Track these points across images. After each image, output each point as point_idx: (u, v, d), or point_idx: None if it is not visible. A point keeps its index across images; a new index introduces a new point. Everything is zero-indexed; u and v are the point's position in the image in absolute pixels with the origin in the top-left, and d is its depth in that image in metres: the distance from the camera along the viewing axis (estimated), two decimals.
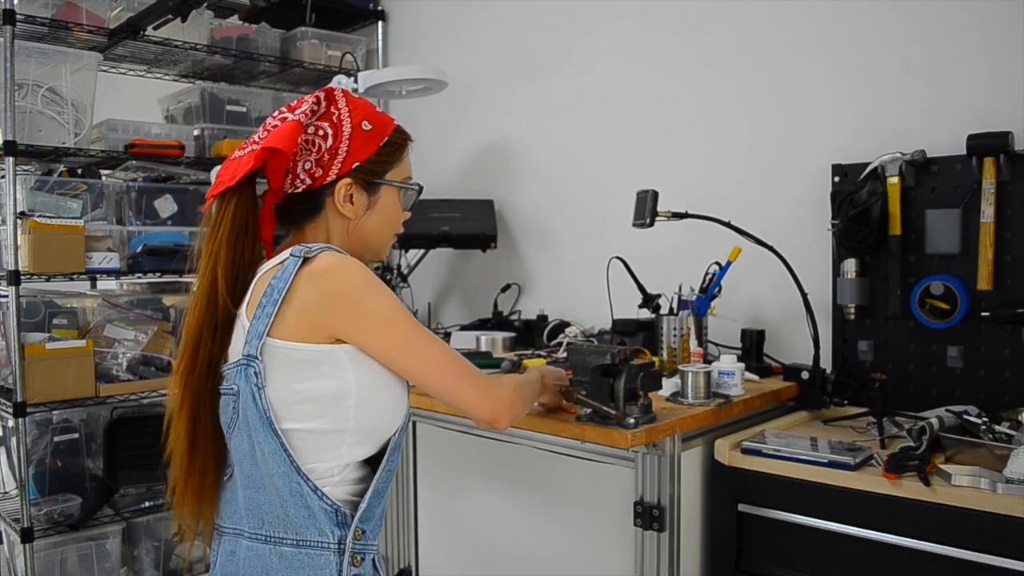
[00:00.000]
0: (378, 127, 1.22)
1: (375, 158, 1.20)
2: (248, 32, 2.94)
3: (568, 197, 2.68)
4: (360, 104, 1.22)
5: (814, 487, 1.50)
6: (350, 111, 1.20)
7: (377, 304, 1.09)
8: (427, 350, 1.12)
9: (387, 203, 1.24)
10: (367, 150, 1.19)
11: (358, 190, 1.20)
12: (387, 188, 1.23)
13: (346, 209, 1.19)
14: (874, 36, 2.01)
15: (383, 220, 1.24)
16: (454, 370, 1.13)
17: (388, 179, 1.23)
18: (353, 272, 1.09)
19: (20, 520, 2.35)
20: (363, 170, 1.20)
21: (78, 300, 2.64)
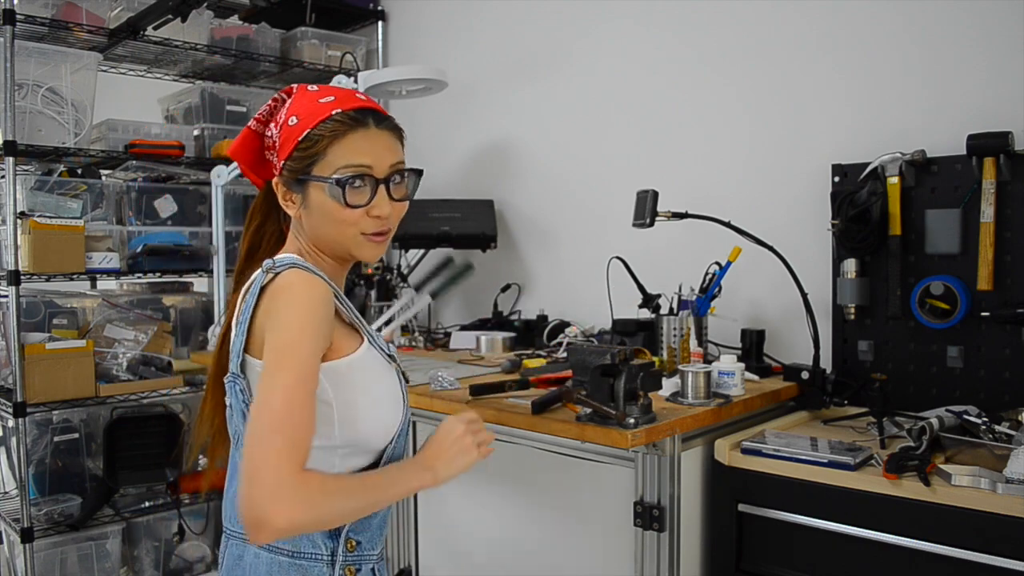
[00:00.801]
0: (304, 119, 1.10)
1: (295, 154, 1.10)
2: (248, 32, 2.95)
3: (568, 197, 2.68)
4: (306, 97, 1.13)
5: (814, 487, 1.50)
6: (289, 107, 1.13)
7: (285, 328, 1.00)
8: (270, 393, 0.96)
9: (317, 200, 1.11)
10: (288, 146, 1.11)
11: (290, 189, 1.13)
12: (312, 184, 1.10)
13: (287, 206, 1.15)
14: (874, 36, 2.01)
15: (321, 218, 1.11)
16: (270, 432, 0.93)
17: (314, 174, 1.10)
18: (294, 296, 1.03)
19: (20, 520, 2.35)
20: (287, 168, 1.12)
21: (78, 300, 2.64)
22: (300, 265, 1.07)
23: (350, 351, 1.08)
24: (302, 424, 0.95)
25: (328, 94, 1.12)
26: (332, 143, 1.09)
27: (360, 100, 1.13)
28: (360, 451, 1.10)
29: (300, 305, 1.02)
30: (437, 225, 2.71)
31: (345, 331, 1.11)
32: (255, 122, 1.18)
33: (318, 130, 1.09)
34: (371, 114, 1.12)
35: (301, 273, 1.05)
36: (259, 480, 0.91)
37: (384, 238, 1.15)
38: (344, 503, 0.99)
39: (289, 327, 1.00)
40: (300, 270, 1.06)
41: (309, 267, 1.07)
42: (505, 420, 1.69)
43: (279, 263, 1.07)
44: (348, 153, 1.10)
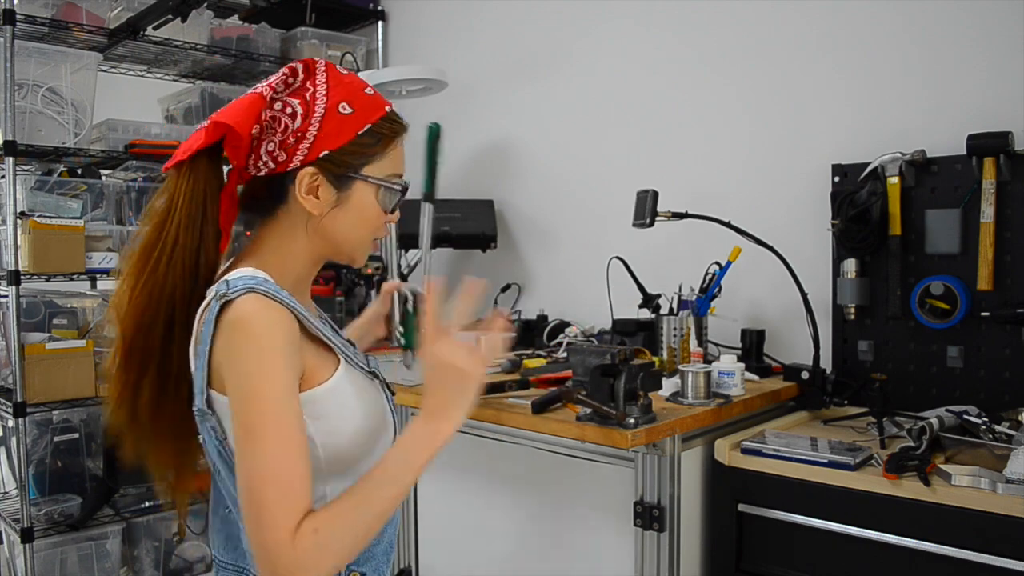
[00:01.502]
0: (360, 111, 1.01)
1: (349, 148, 1.01)
2: (248, 32, 2.94)
3: (568, 197, 2.68)
4: (346, 82, 1.03)
5: (814, 487, 1.50)
6: (328, 88, 1.01)
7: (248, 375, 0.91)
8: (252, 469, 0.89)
9: (361, 202, 1.03)
10: (341, 137, 1.00)
11: (325, 183, 1.01)
12: (362, 184, 1.02)
13: (309, 202, 1.01)
14: (874, 36, 2.01)
15: (355, 221, 1.04)
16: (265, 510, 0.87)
17: (365, 174, 1.02)
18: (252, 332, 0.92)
19: (20, 520, 2.35)
20: (332, 160, 1.00)
21: (78, 300, 2.64)
22: (259, 289, 0.94)
23: (326, 377, 1.00)
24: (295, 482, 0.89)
25: (365, 84, 1.05)
26: (389, 145, 1.04)
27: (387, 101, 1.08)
28: (351, 475, 1.02)
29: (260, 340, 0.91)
30: (437, 225, 2.70)
31: (318, 354, 1.01)
32: (269, 89, 1.01)
33: (381, 128, 1.03)
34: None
35: (259, 300, 0.93)
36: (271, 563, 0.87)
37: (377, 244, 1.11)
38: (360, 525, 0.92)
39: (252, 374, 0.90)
40: (258, 296, 0.93)
41: (268, 292, 0.94)
42: (505, 420, 1.69)
43: (233, 287, 0.94)
44: (396, 160, 1.06)
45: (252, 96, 1.00)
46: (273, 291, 0.95)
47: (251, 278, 0.96)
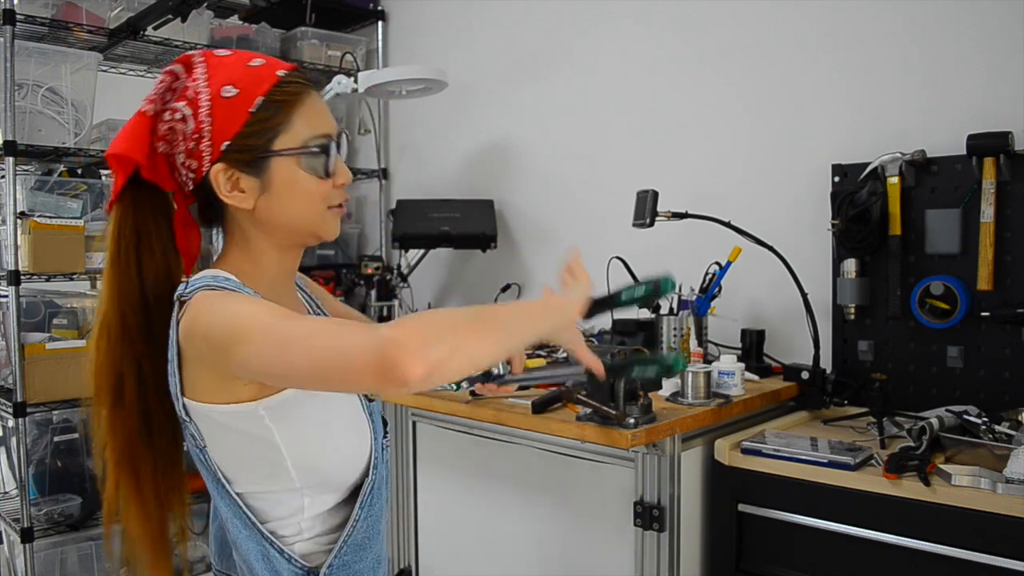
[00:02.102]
0: (246, 88, 0.92)
1: (247, 130, 0.92)
2: (248, 32, 2.94)
3: (568, 197, 2.68)
4: (227, 63, 0.94)
5: (814, 487, 1.50)
6: (208, 77, 0.93)
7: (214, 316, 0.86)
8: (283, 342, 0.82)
9: (286, 178, 0.94)
10: (234, 123, 0.91)
11: (241, 174, 0.93)
12: (278, 160, 0.93)
13: (236, 199, 0.94)
14: (874, 36, 2.01)
15: (290, 199, 0.95)
16: (327, 339, 0.79)
17: (276, 149, 0.93)
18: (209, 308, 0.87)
19: (20, 520, 2.34)
20: (236, 148, 0.92)
21: (78, 300, 2.64)
22: (214, 285, 0.91)
23: None
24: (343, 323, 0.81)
25: (251, 56, 0.96)
26: (294, 109, 0.93)
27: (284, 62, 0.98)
28: (328, 488, 0.98)
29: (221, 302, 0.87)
30: (437, 225, 2.71)
31: None
32: (149, 104, 0.95)
33: (275, 95, 0.93)
34: (309, 76, 0.99)
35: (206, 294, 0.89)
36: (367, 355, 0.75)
37: (344, 210, 1.01)
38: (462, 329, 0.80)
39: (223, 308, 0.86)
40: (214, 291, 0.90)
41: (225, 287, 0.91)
42: (505, 420, 1.69)
43: (190, 286, 0.91)
44: (311, 120, 0.95)
45: (134, 117, 0.95)
46: (234, 287, 0.92)
47: (211, 277, 0.93)
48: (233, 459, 0.95)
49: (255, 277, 0.98)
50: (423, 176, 3.17)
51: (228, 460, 0.95)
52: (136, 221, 0.96)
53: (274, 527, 0.97)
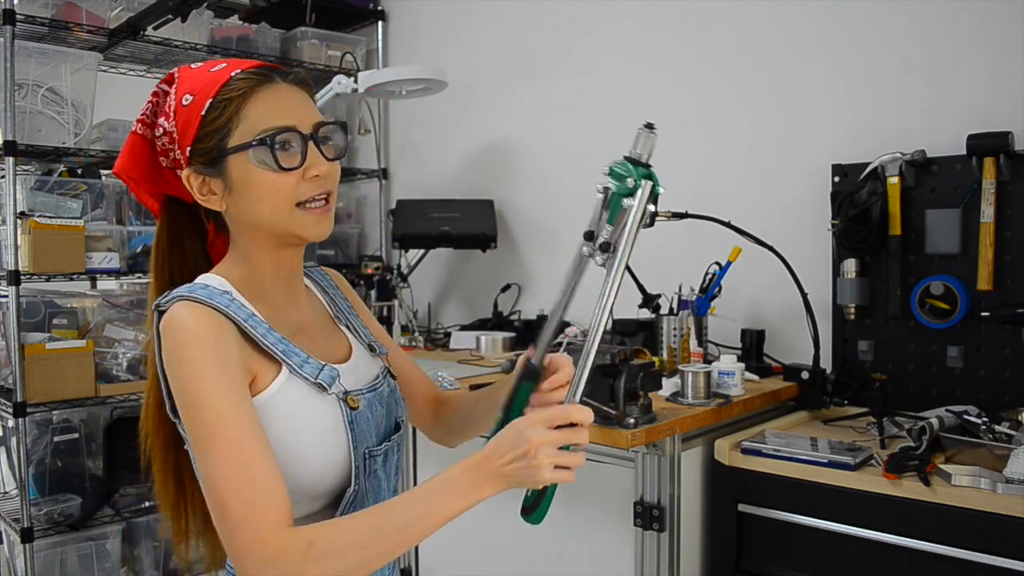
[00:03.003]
0: (201, 92, 0.94)
1: (201, 132, 0.94)
2: (248, 32, 2.94)
3: (568, 197, 2.68)
4: (192, 74, 0.97)
5: (814, 487, 1.50)
6: (177, 89, 0.97)
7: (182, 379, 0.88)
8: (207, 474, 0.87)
9: (242, 174, 0.94)
10: (191, 127, 0.94)
11: (207, 177, 0.96)
12: (233, 159, 0.94)
13: (211, 202, 0.97)
14: (874, 36, 2.01)
15: (251, 195, 0.95)
16: (228, 519, 0.84)
17: (230, 147, 0.94)
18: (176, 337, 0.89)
19: (20, 520, 2.34)
20: (196, 152, 0.95)
21: (78, 300, 2.64)
22: (187, 296, 0.91)
23: (262, 388, 0.94)
24: (257, 484, 0.84)
25: (219, 63, 0.99)
26: (243, 105, 0.94)
27: (257, 61, 1.00)
28: (309, 496, 0.96)
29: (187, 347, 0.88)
30: (437, 225, 2.71)
31: (259, 362, 0.94)
32: (140, 124, 1.01)
33: (222, 95, 0.94)
34: (274, 70, 0.98)
35: (186, 306, 0.90)
36: (246, 569, 0.83)
37: (327, 207, 0.98)
38: (361, 554, 0.84)
39: (186, 378, 0.88)
40: (186, 302, 0.91)
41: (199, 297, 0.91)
42: None
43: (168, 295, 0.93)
44: (265, 113, 0.94)
45: (128, 140, 1.02)
46: (205, 296, 0.91)
47: (193, 285, 0.95)
48: None
49: (250, 279, 0.99)
50: (423, 176, 3.17)
51: None
52: (171, 229, 1.05)
53: None
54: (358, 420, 0.98)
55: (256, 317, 0.95)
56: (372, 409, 1.02)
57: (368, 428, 1.00)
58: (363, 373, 1.06)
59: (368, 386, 1.04)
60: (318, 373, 0.97)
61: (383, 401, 1.05)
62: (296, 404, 0.95)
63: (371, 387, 1.05)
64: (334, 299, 1.15)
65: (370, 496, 1.00)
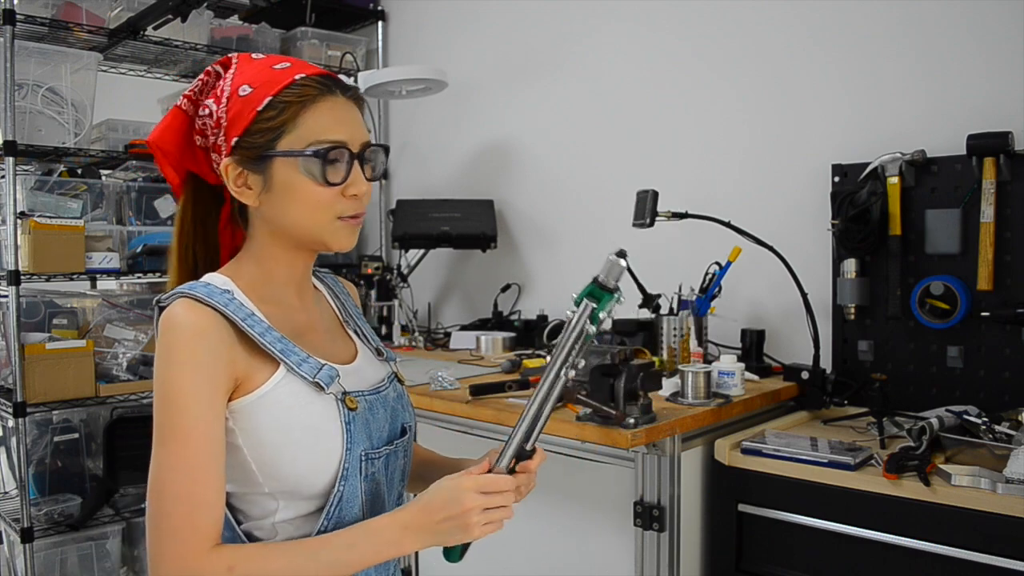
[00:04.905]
0: (261, 87, 0.95)
1: (254, 127, 0.94)
2: (248, 32, 2.94)
3: (568, 197, 2.68)
4: (255, 64, 0.98)
5: (814, 487, 1.50)
6: (235, 76, 0.97)
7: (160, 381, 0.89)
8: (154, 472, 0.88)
9: (286, 180, 0.95)
10: (243, 119, 0.94)
11: (248, 171, 0.96)
12: (280, 161, 0.94)
13: (244, 195, 0.97)
14: (874, 36, 2.01)
15: (290, 201, 0.96)
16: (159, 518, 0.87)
17: (280, 150, 0.94)
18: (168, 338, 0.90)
19: (20, 520, 2.34)
20: (243, 144, 0.95)
21: (78, 300, 2.64)
22: (187, 293, 0.91)
23: (257, 385, 0.93)
24: (196, 498, 0.86)
25: (281, 60, 0.99)
26: (301, 112, 0.94)
27: (320, 68, 1.00)
28: (298, 496, 0.95)
29: (175, 347, 0.89)
30: (437, 225, 2.71)
31: (254, 360, 0.94)
32: (186, 100, 1.00)
33: (283, 96, 0.94)
34: (336, 82, 0.99)
35: (184, 305, 0.90)
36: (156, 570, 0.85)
37: (359, 222, 1.01)
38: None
39: (166, 377, 0.88)
40: (185, 300, 0.91)
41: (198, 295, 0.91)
42: (505, 420, 1.69)
43: (169, 292, 0.93)
44: (321, 124, 0.95)
45: (170, 113, 1.00)
46: (204, 295, 0.91)
47: (194, 283, 0.94)
48: None
49: (261, 279, 1.00)
50: (423, 176, 3.17)
51: None
52: (196, 208, 1.03)
53: (249, 528, 0.97)
54: (356, 421, 0.97)
55: (255, 316, 0.95)
56: (373, 411, 1.01)
57: (367, 430, 0.99)
58: (368, 376, 1.06)
59: (371, 389, 1.03)
60: (316, 372, 0.96)
61: (387, 405, 1.04)
62: (291, 402, 0.94)
63: (374, 390, 1.04)
64: (344, 304, 1.15)
65: (366, 500, 0.99)
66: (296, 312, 1.03)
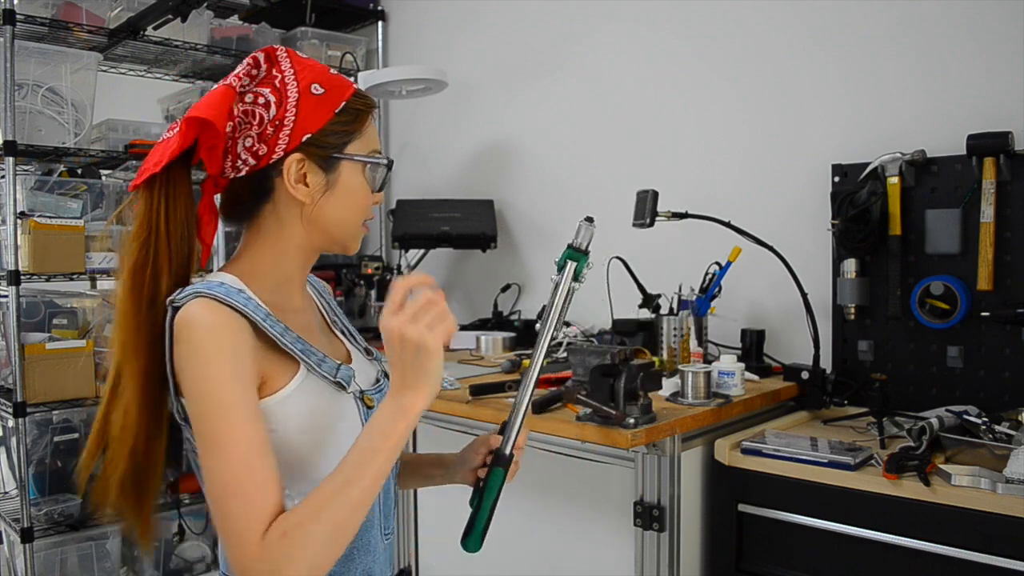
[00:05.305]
0: (332, 90, 0.99)
1: (330, 128, 0.97)
2: (248, 32, 2.94)
3: (568, 197, 2.68)
4: (309, 65, 1.00)
5: (814, 487, 1.50)
6: (296, 73, 0.98)
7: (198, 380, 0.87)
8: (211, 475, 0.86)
9: (349, 182, 0.99)
10: (320, 118, 0.97)
11: (312, 167, 0.97)
12: (348, 164, 0.99)
13: (299, 191, 0.97)
14: (874, 36, 2.01)
15: (346, 204, 1.00)
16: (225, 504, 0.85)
17: (349, 153, 0.99)
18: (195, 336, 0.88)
19: (20, 520, 2.34)
20: (316, 143, 0.97)
21: (78, 300, 2.64)
22: (205, 293, 0.90)
23: (280, 386, 0.94)
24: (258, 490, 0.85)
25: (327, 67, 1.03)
26: (364, 122, 1.01)
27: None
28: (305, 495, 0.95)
29: (204, 345, 0.87)
30: (437, 225, 2.71)
31: (275, 360, 0.94)
32: (237, 80, 0.98)
33: (353, 103, 1.00)
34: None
35: (203, 304, 0.89)
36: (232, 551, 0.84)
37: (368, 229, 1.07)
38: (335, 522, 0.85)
39: (201, 380, 0.87)
40: (204, 300, 0.89)
41: (216, 295, 0.90)
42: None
43: (184, 292, 0.91)
44: (373, 135, 1.02)
45: (223, 89, 0.96)
46: (222, 294, 0.90)
47: (208, 283, 0.92)
48: None
49: (265, 278, 0.99)
50: (423, 176, 3.17)
51: None
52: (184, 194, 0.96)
53: None
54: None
55: (272, 317, 0.95)
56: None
57: None
58: (365, 375, 1.07)
59: (374, 387, 1.05)
60: (336, 372, 0.98)
61: None
62: (315, 402, 0.95)
63: (377, 388, 1.06)
64: (329, 304, 1.17)
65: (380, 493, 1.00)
66: (301, 313, 1.04)
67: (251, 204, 1.00)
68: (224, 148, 0.97)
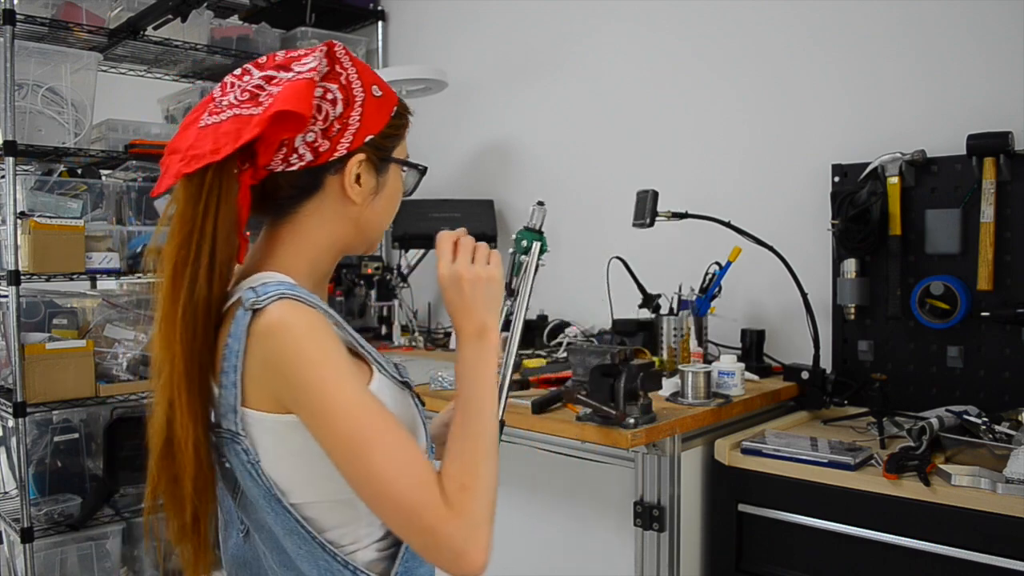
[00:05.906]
0: (387, 94, 1.00)
1: (387, 131, 0.99)
2: (248, 32, 2.94)
3: (568, 197, 2.68)
4: (364, 66, 1.00)
5: (814, 487, 1.50)
6: (359, 73, 0.97)
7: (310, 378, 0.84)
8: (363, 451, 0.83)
9: (393, 185, 1.02)
10: (380, 121, 0.97)
11: (368, 169, 0.97)
12: (395, 168, 1.02)
13: (354, 192, 0.96)
14: (874, 36, 2.01)
15: (389, 205, 1.02)
16: (396, 493, 0.83)
17: (397, 157, 1.02)
18: (299, 338, 0.85)
19: (20, 520, 2.34)
20: (375, 145, 0.97)
21: (78, 300, 2.64)
22: (289, 294, 0.87)
23: None
24: (417, 464, 0.84)
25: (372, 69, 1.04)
26: (407, 127, 1.04)
27: None
28: None
29: (312, 345, 0.85)
30: (437, 225, 2.69)
31: (354, 362, 0.91)
32: (316, 73, 0.92)
33: (401, 108, 1.02)
34: None
35: (294, 305, 0.86)
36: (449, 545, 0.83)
37: None
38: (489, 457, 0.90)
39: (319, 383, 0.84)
40: (291, 301, 0.86)
41: (300, 296, 0.87)
42: (505, 420, 1.69)
43: (262, 293, 0.86)
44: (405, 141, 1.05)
45: (306, 82, 0.89)
46: (305, 295, 0.88)
47: (278, 283, 0.89)
48: (288, 469, 0.90)
49: (306, 277, 0.96)
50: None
51: (283, 471, 0.90)
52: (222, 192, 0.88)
53: (333, 537, 0.92)
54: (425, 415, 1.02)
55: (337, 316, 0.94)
56: None
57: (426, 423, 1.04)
58: None
59: None
60: (396, 371, 0.99)
61: None
62: (391, 403, 0.93)
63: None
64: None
65: None
66: None
67: (291, 199, 0.96)
68: (281, 140, 0.91)
